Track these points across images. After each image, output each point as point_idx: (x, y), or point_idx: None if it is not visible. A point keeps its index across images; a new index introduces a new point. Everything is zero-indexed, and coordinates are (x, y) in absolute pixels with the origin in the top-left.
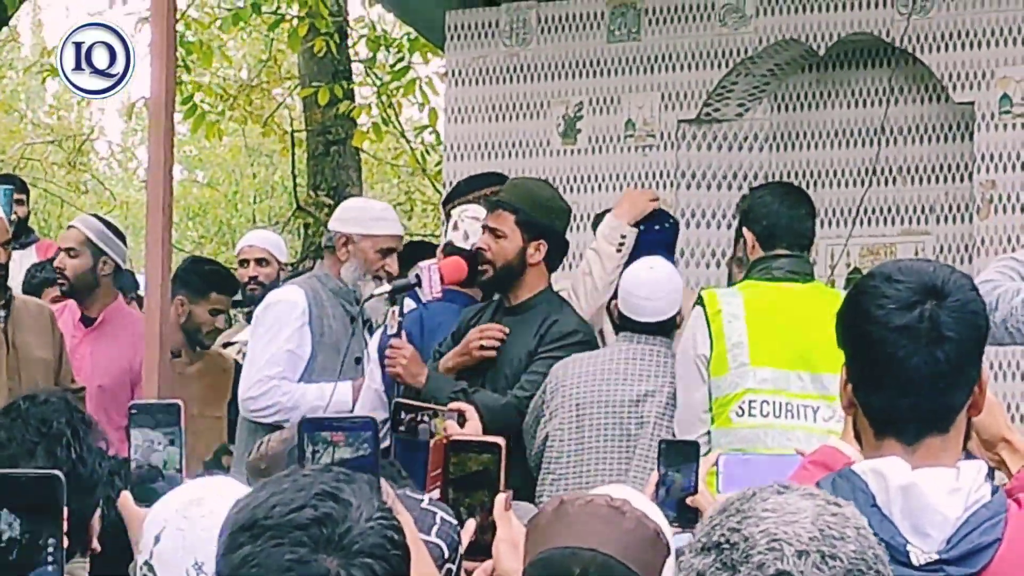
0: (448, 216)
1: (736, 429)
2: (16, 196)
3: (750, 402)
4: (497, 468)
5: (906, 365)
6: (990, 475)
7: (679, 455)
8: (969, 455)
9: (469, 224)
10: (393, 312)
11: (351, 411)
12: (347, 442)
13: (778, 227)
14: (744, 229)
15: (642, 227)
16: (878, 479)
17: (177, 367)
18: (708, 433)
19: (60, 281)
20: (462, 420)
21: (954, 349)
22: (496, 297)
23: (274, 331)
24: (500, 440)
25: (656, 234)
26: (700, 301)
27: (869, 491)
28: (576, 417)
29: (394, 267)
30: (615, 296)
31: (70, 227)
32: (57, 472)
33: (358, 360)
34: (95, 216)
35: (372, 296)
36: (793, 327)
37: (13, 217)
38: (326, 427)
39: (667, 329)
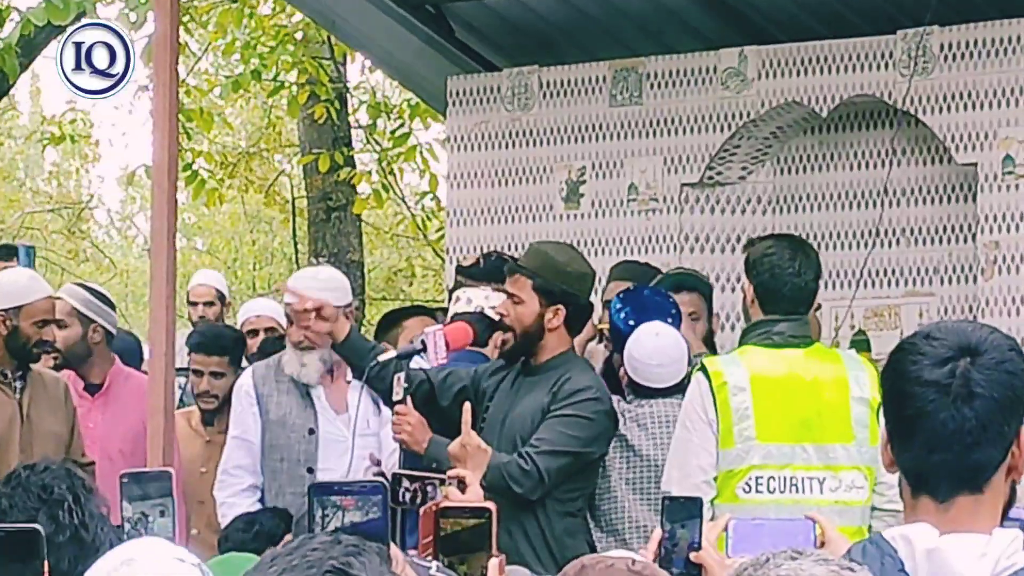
0: (452, 293)
1: (743, 505)
2: (9, 263)
3: (756, 478)
4: (488, 533)
5: (934, 420)
6: None
7: (682, 511)
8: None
9: (471, 294)
10: (399, 378)
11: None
12: (357, 506)
13: (780, 292)
14: (745, 281)
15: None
16: (906, 544)
17: (208, 434)
18: (711, 502)
19: (52, 354)
20: (462, 486)
21: (983, 406)
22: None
23: (234, 420)
24: (490, 505)
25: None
26: (703, 369)
27: (897, 557)
28: (624, 469)
29: (305, 337)
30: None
31: (55, 299)
32: (36, 526)
33: (311, 431)
34: (79, 284)
35: (378, 363)
36: (796, 397)
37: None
38: (336, 492)
39: (684, 387)
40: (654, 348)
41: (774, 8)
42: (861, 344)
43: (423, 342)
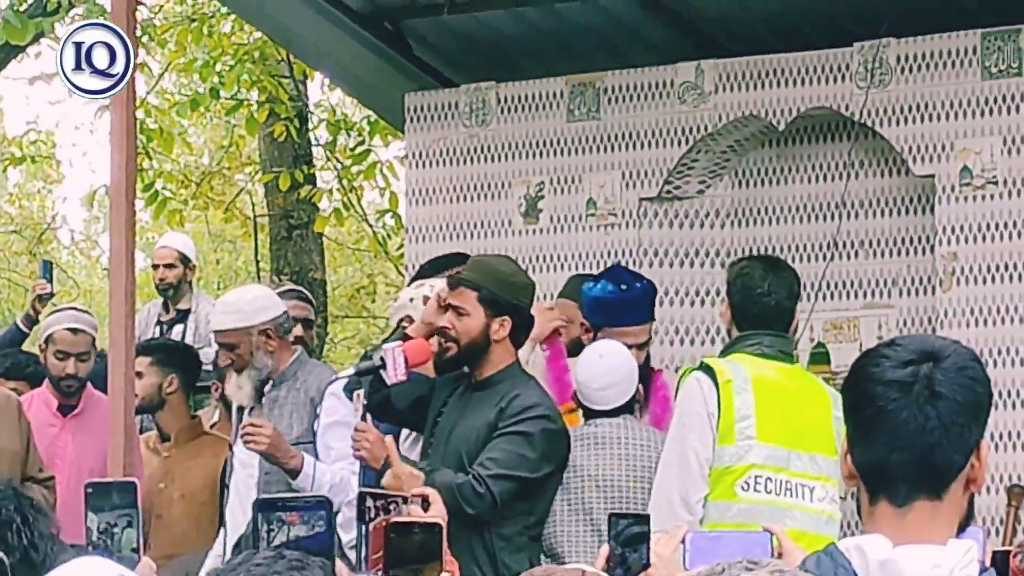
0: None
1: (739, 503)
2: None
3: (755, 477)
4: (438, 548)
5: (896, 419)
6: None
7: (631, 527)
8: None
9: (411, 292)
10: (358, 395)
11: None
12: (302, 521)
13: (750, 311)
14: (726, 298)
15: (623, 286)
16: (860, 555)
17: (166, 451)
18: (705, 498)
19: (69, 384)
20: (426, 504)
21: (946, 408)
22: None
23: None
24: (440, 520)
25: (639, 291)
26: (703, 367)
27: (851, 568)
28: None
29: (234, 360)
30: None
31: (74, 331)
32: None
33: (230, 447)
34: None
35: (337, 378)
36: (791, 404)
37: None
38: (280, 507)
39: (631, 407)
40: (602, 369)
41: (731, 21)
42: (821, 357)
43: (382, 359)
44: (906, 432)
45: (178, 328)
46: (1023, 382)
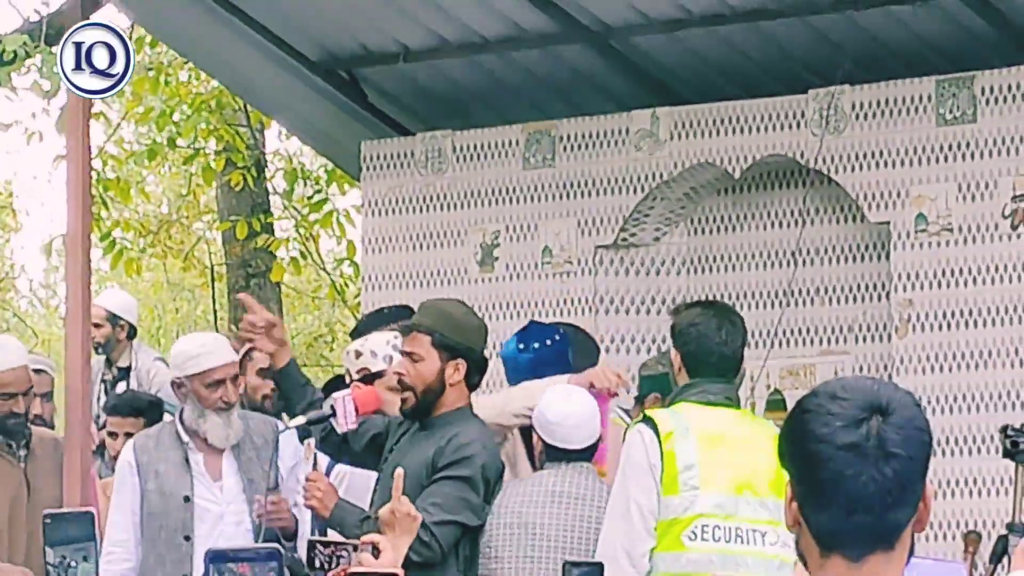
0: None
1: (687, 553)
2: None
3: (703, 526)
4: None
5: (854, 483)
6: None
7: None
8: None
9: (372, 345)
10: (309, 444)
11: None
12: (253, 572)
13: (707, 361)
14: (672, 348)
15: (536, 345)
16: None
17: None
18: (651, 550)
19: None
20: (376, 552)
21: (899, 465)
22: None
23: (116, 492)
24: (399, 571)
25: (552, 347)
26: (646, 420)
27: None
28: (513, 536)
29: (231, 395)
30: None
31: (38, 371)
32: None
33: (186, 499)
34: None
35: (288, 428)
36: (737, 451)
37: None
38: (231, 559)
39: (592, 453)
40: (570, 410)
41: (686, 69)
42: (777, 404)
43: (332, 407)
44: (864, 494)
45: (121, 385)
46: (978, 429)
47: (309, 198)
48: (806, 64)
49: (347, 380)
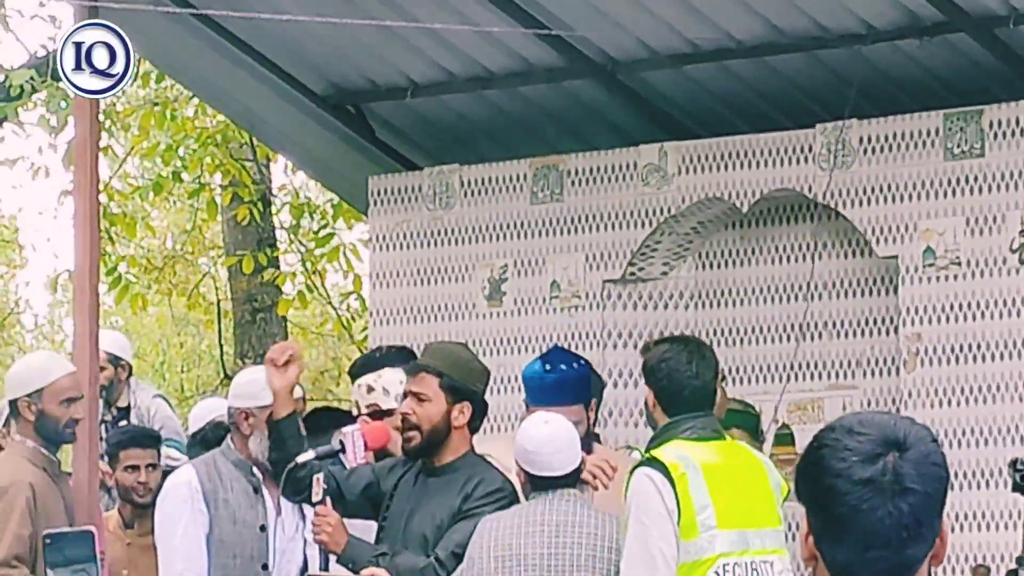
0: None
1: None
2: None
3: (723, 565)
4: None
5: (870, 518)
6: None
7: None
8: None
9: (384, 382)
10: (318, 479)
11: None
12: None
13: (680, 395)
14: (645, 386)
15: (562, 366)
16: None
17: (129, 537)
18: None
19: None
20: None
21: (917, 501)
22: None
23: (173, 520)
24: None
25: (577, 371)
26: (653, 462)
27: None
28: (506, 569)
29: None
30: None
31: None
32: None
33: (263, 528)
34: None
35: (296, 464)
36: (738, 484)
37: None
38: None
39: (576, 479)
40: (547, 436)
41: (694, 104)
42: (785, 438)
43: (341, 442)
44: (881, 530)
45: (122, 424)
46: (987, 463)
47: (315, 232)
48: (814, 98)
49: (355, 413)
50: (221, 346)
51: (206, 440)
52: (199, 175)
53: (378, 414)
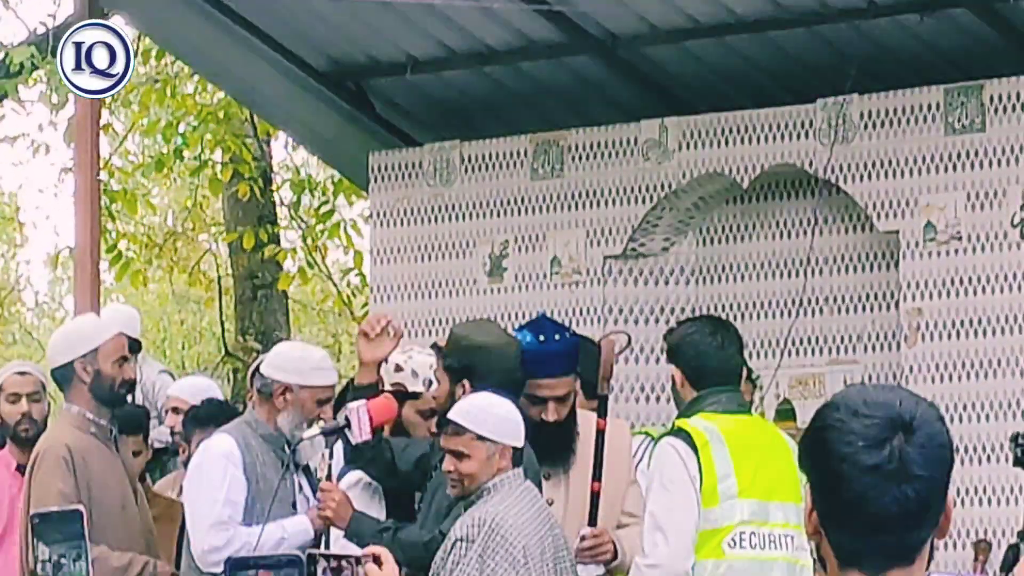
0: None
1: (727, 560)
2: None
3: (740, 533)
4: None
5: (876, 504)
6: None
7: None
8: None
9: (416, 365)
10: (324, 455)
11: (314, 541)
12: None
13: (708, 367)
14: (672, 366)
15: (556, 336)
16: None
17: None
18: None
19: (26, 427)
20: (379, 563)
21: (924, 486)
22: None
23: (214, 481)
24: None
25: (570, 341)
26: (679, 432)
27: None
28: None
29: (329, 415)
30: None
31: (22, 373)
32: None
33: (293, 505)
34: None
35: (302, 440)
36: (762, 456)
37: None
38: (252, 565)
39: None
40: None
41: (694, 79)
42: (786, 413)
43: (347, 418)
44: (887, 515)
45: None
46: (988, 438)
47: (316, 209)
48: (814, 73)
49: (379, 388)
50: (222, 323)
51: (198, 418)
52: (200, 152)
53: (403, 396)
